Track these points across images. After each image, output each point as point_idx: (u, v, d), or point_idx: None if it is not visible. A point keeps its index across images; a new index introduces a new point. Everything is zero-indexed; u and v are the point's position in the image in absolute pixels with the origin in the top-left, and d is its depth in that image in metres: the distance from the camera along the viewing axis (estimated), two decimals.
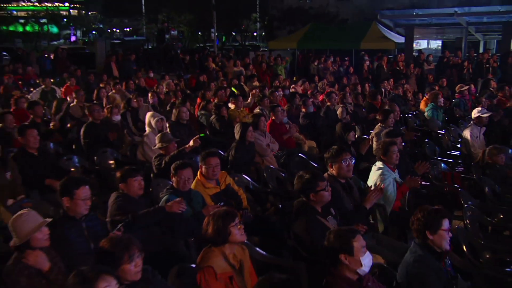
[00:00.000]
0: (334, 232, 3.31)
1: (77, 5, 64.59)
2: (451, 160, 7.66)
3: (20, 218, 3.53)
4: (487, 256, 4.61)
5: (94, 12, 60.34)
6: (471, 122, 8.25)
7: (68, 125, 8.62)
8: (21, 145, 6.30)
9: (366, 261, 3.17)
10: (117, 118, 8.36)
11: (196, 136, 6.61)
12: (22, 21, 54.54)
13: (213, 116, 8.92)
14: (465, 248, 4.33)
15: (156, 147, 6.39)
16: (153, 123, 7.48)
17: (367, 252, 3.20)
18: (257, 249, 4.32)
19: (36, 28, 51.05)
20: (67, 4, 62.66)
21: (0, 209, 4.58)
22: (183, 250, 4.44)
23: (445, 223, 3.48)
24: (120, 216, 4.42)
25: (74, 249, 3.86)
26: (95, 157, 7.08)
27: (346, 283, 3.15)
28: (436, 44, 30.10)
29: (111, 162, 7.23)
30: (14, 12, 55.99)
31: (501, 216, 5.43)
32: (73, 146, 7.95)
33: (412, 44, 22.43)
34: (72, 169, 6.65)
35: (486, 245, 4.66)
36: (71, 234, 3.93)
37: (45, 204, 5.17)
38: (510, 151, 7.18)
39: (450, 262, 3.64)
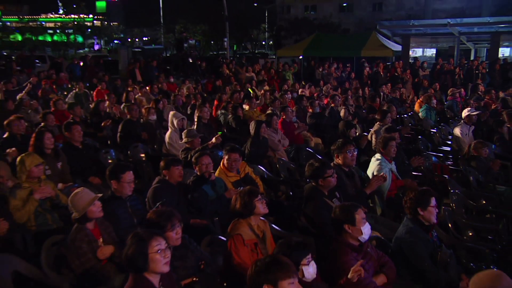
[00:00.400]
0: (340, 207, 3.70)
1: (100, 17, 65.43)
2: (442, 155, 7.97)
3: (77, 195, 3.94)
4: (470, 234, 4.97)
5: (116, 23, 61.13)
6: (462, 121, 8.52)
7: (102, 124, 9.01)
8: (65, 140, 6.76)
9: (366, 230, 3.56)
10: (153, 118, 8.60)
11: (218, 134, 7.03)
12: (50, 31, 55.38)
13: (230, 116, 9.31)
14: (450, 225, 4.70)
15: (183, 141, 6.83)
16: (175, 123, 7.86)
17: (367, 223, 3.58)
18: (273, 225, 4.71)
19: (64, 37, 51.82)
20: (91, 15, 63.50)
21: (57, 192, 5.00)
22: (211, 226, 4.85)
23: (433, 201, 3.86)
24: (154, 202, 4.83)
25: (121, 223, 4.28)
26: (129, 151, 7.50)
27: (349, 248, 3.53)
28: (431, 52, 30.31)
29: (142, 155, 7.63)
30: (43, 23, 56.81)
31: (484, 202, 5.75)
32: (108, 142, 8.37)
33: (409, 52, 22.74)
34: (110, 161, 7.06)
35: (469, 223, 5.00)
36: (119, 211, 4.35)
37: (90, 187, 5.57)
38: (493, 146, 7.51)
39: (436, 234, 4.01)
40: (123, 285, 3.01)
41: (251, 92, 12.39)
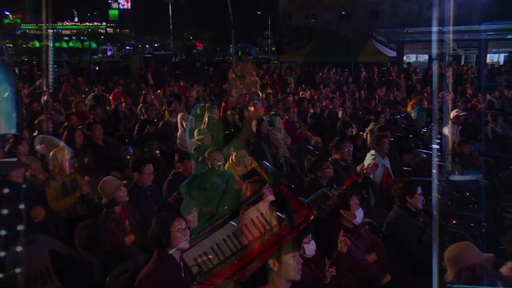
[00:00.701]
0: (336, 194, 3.98)
1: (113, 24, 65.82)
2: (431, 152, 8.20)
3: (105, 182, 4.26)
4: (454, 222, 5.23)
5: (127, 30, 61.46)
6: (450, 121, 8.75)
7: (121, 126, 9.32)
8: (87, 138, 7.04)
9: (359, 214, 3.85)
10: (174, 120, 8.76)
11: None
12: (66, 38, 55.86)
13: (236, 116, 9.58)
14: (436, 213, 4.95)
15: (195, 139, 7.13)
16: (184, 124, 8.14)
17: (360, 208, 3.87)
18: (277, 213, 4.97)
19: (78, 44, 52.30)
20: (104, 23, 63.95)
21: None
22: (221, 212, 5.12)
23: (419, 189, 4.15)
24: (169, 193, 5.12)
25: (143, 210, 4.57)
26: (145, 148, 7.79)
27: (345, 230, 3.81)
28: (424, 57, 30.50)
29: (157, 151, 7.92)
30: (60, 30, 57.29)
31: (467, 194, 6.01)
32: (126, 140, 8.67)
33: (403, 58, 22.91)
34: (128, 157, 7.34)
35: (453, 212, 5.26)
36: (140, 199, 4.65)
37: None
38: (478, 144, 7.76)
39: (422, 219, 4.28)
40: (147, 262, 3.30)
41: (261, 94, 12.66)
